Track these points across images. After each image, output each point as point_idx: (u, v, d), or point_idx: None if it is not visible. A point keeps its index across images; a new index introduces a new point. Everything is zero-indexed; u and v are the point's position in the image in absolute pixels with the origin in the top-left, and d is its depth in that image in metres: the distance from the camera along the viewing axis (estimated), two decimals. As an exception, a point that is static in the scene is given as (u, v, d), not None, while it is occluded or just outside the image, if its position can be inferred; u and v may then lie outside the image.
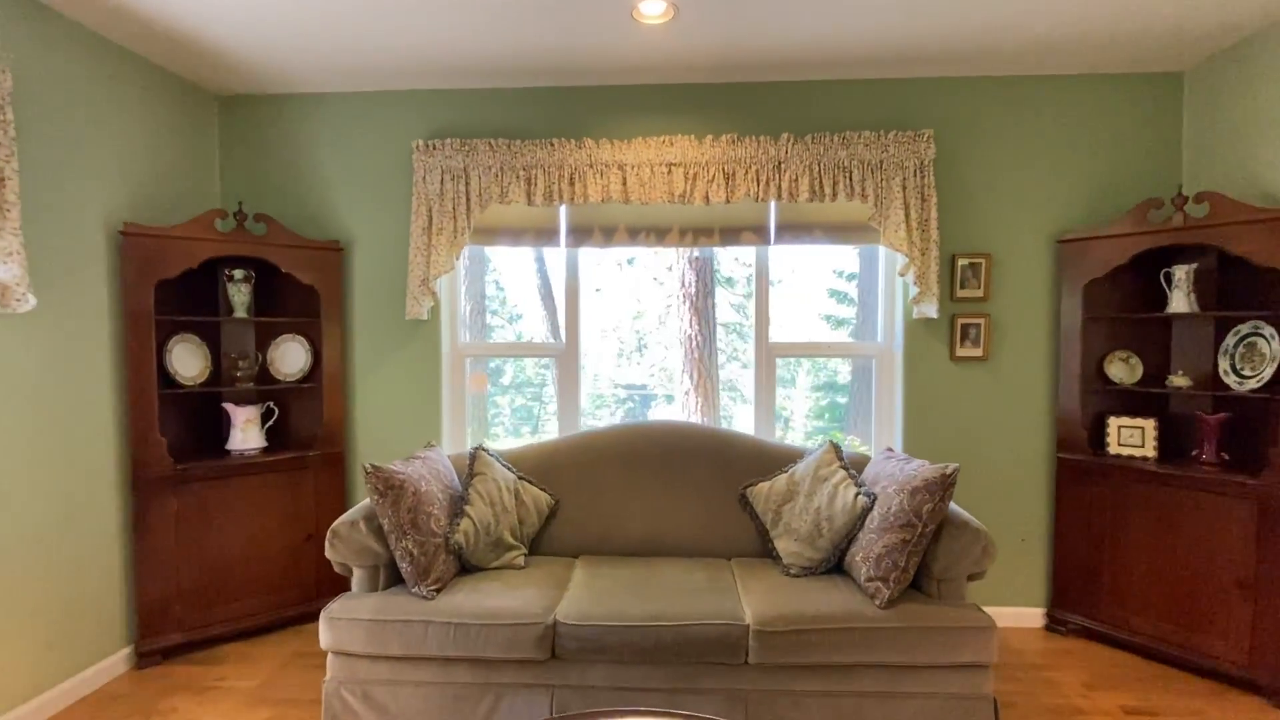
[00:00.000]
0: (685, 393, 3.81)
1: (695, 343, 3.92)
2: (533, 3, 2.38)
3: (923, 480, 2.15)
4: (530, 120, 3.13)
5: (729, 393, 3.63)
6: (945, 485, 2.12)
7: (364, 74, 3.00)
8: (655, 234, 3.10)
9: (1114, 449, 2.86)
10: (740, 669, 2.08)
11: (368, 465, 2.22)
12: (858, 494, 2.36)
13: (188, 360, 2.89)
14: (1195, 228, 2.57)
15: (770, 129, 3.06)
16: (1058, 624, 3.01)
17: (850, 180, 2.94)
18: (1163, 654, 2.68)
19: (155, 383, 2.67)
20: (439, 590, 2.22)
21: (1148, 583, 2.72)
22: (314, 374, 3.15)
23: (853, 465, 2.67)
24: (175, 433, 2.92)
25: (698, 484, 2.73)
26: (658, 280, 3.56)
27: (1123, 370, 2.92)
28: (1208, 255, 2.78)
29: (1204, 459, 2.66)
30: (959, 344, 3.05)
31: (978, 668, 2.05)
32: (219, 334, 3.13)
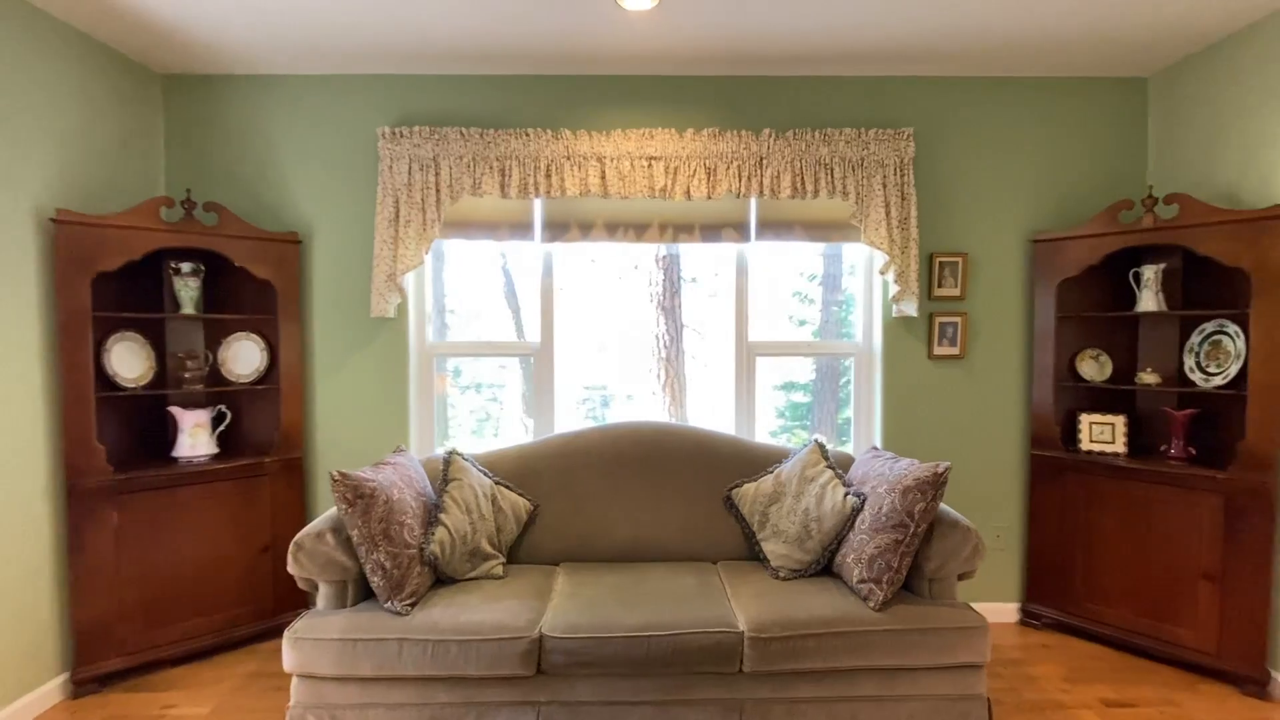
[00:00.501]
0: (653, 393, 3.76)
1: (663, 342, 3.87)
2: (512, -17, 2.27)
3: (914, 479, 2.12)
4: (505, 109, 3.00)
5: (695, 392, 3.62)
6: (937, 484, 2.10)
7: (326, 55, 2.81)
8: (634, 230, 3.01)
9: (1085, 445, 2.91)
10: (735, 678, 2.01)
11: (335, 472, 2.06)
12: (847, 494, 2.33)
13: (129, 360, 2.66)
14: (1164, 229, 2.63)
15: (752, 124, 3.01)
16: (1032, 618, 3.06)
17: (832, 177, 2.91)
18: (1135, 645, 2.73)
19: (92, 385, 2.44)
20: (413, 605, 2.08)
21: (1119, 576, 2.77)
22: (270, 375, 2.94)
23: (838, 464, 2.64)
24: (116, 439, 2.69)
25: (681, 486, 2.65)
26: (622, 279, 3.49)
27: (1093, 368, 2.97)
28: (1175, 255, 2.86)
29: (1172, 454, 2.72)
30: (937, 343, 3.06)
31: (971, 668, 2.03)
32: (164, 332, 2.90)
